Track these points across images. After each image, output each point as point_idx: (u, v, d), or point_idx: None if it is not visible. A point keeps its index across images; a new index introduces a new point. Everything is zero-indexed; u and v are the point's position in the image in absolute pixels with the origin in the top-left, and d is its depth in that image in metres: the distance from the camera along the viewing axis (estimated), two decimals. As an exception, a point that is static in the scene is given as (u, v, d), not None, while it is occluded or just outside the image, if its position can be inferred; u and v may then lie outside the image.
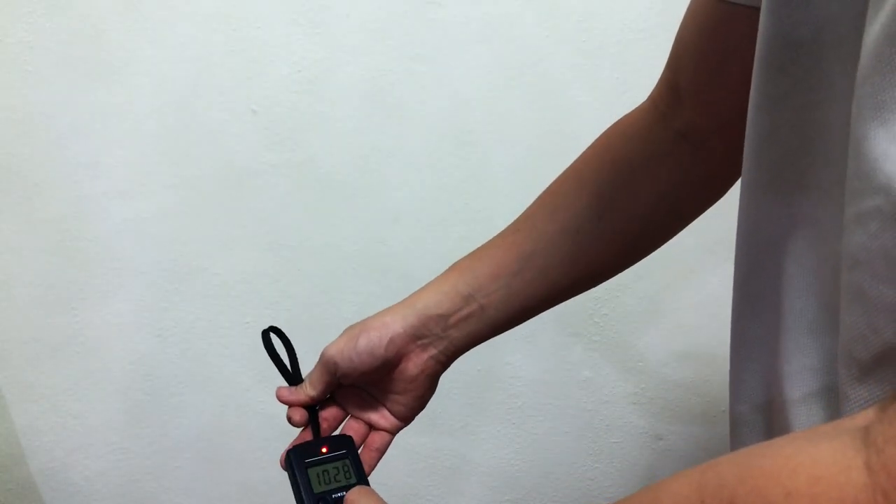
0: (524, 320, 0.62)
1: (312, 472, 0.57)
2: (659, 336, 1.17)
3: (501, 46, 1.07)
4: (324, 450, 0.59)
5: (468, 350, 0.62)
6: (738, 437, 0.47)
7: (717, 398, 1.19)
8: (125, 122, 1.04)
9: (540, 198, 0.64)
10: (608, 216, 0.59)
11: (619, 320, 1.16)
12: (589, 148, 0.63)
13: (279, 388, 0.63)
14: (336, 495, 0.56)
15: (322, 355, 0.60)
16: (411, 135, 1.09)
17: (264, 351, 0.62)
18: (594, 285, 0.64)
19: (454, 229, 1.12)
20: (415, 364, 0.61)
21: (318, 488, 0.56)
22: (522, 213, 0.64)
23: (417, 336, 0.60)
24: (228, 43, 1.04)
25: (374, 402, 0.63)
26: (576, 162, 0.63)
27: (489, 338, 0.62)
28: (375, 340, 0.59)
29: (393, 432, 0.64)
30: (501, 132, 1.10)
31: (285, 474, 0.59)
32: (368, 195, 1.08)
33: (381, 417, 0.63)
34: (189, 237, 1.08)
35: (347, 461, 0.59)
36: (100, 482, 1.12)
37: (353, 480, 0.58)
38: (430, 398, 0.64)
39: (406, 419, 0.64)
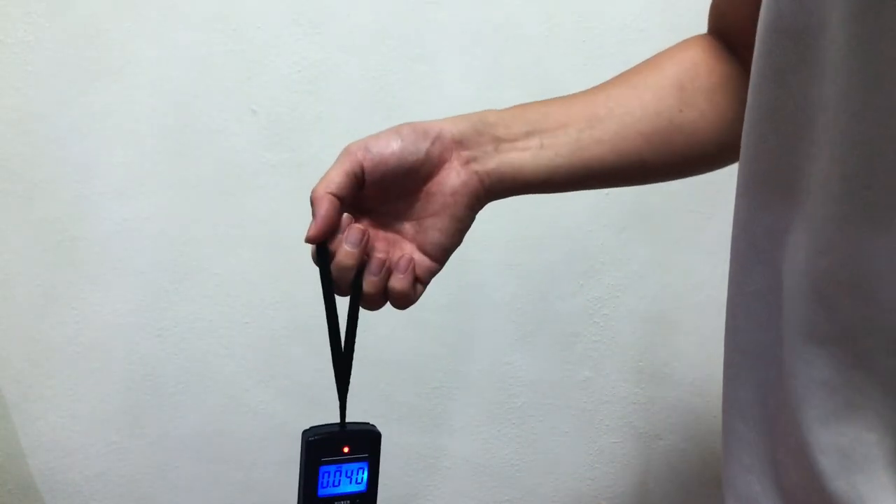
0: (577, 185, 0.57)
1: (325, 471, 0.53)
2: (659, 336, 1.17)
3: (501, 46, 1.07)
4: (345, 450, 0.53)
5: (513, 194, 0.55)
6: (734, 454, 0.44)
7: (718, 398, 1.19)
8: (125, 122, 1.04)
9: (616, 77, 0.60)
10: (688, 112, 0.57)
11: (619, 320, 1.16)
12: (663, 52, 0.61)
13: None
14: (340, 503, 0.53)
15: (349, 145, 0.53)
16: (411, 135, 1.09)
17: (264, 350, 0.60)
18: (654, 178, 0.60)
19: (454, 229, 1.12)
20: (457, 174, 0.53)
21: (323, 490, 0.53)
22: (597, 86, 0.60)
23: (465, 144, 0.53)
24: (228, 43, 1.04)
25: (402, 237, 0.55)
26: (652, 57, 0.61)
27: (537, 189, 0.55)
28: (419, 131, 0.52)
29: (424, 280, 0.55)
30: (501, 132, 1.10)
31: (285, 474, 0.57)
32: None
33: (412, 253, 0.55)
34: (189, 237, 1.08)
35: (365, 468, 0.54)
36: (100, 482, 1.12)
37: (363, 489, 0.54)
38: (467, 230, 0.56)
39: (440, 255, 0.55)
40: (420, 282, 0.55)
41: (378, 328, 1.11)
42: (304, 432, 0.54)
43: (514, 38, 1.07)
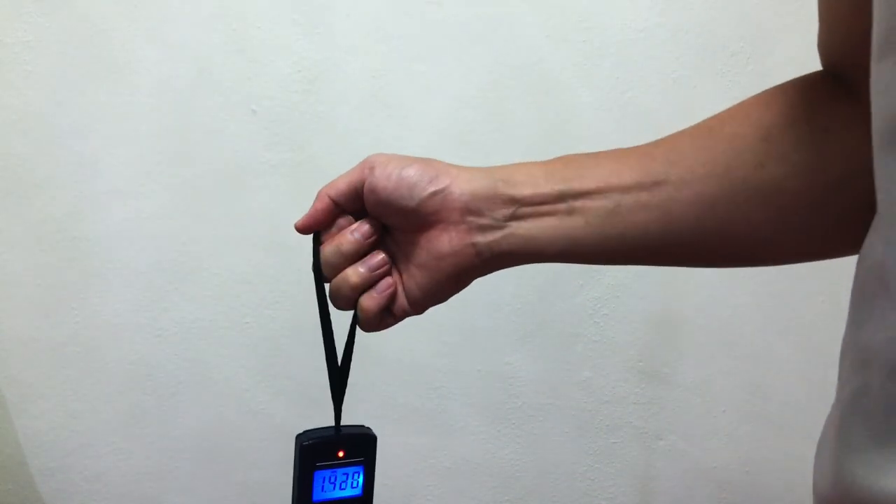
0: (605, 259, 0.49)
1: (319, 475, 0.52)
2: (660, 336, 1.17)
3: (501, 46, 1.07)
4: (340, 454, 0.52)
5: (515, 264, 0.50)
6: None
7: (718, 398, 1.19)
8: (125, 122, 1.04)
9: (692, 127, 0.49)
10: (771, 168, 0.45)
11: (619, 320, 1.16)
12: (762, 93, 0.49)
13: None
14: None
15: (370, 156, 0.50)
16: (411, 135, 1.09)
17: (264, 350, 0.59)
18: (716, 258, 0.51)
19: (454, 229, 1.12)
20: (450, 240, 0.49)
21: (318, 495, 0.52)
22: (663, 137, 0.49)
23: (472, 209, 0.48)
24: (228, 43, 1.04)
25: (397, 263, 0.52)
26: (744, 101, 0.49)
27: (552, 259, 0.49)
28: (427, 177, 0.48)
29: (397, 314, 0.52)
30: (501, 132, 1.10)
31: (285, 474, 0.57)
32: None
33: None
34: (189, 237, 1.08)
35: (360, 472, 0.53)
36: (100, 482, 1.12)
37: (358, 493, 0.53)
38: (448, 295, 0.51)
39: (416, 303, 0.51)
40: (392, 314, 0.52)
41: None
42: (299, 436, 0.52)
43: (514, 38, 1.07)
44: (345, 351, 0.54)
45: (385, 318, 0.52)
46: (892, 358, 0.31)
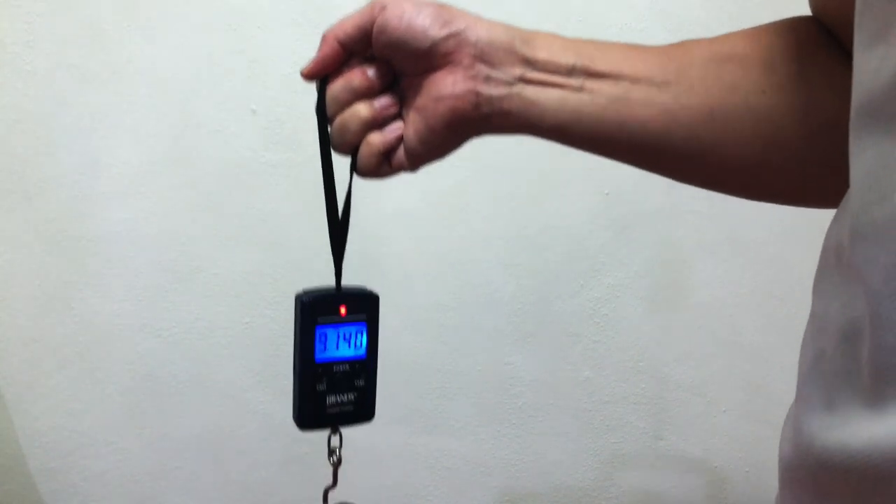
0: (596, 145, 0.48)
1: (321, 333, 0.49)
2: (659, 336, 1.17)
3: (501, 46, 1.07)
4: (342, 311, 0.50)
5: (509, 132, 0.49)
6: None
7: (717, 398, 1.19)
8: (125, 122, 1.04)
9: (711, 39, 0.49)
10: (771, 94, 0.46)
11: (619, 320, 1.16)
12: (779, 21, 0.50)
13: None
14: (339, 368, 0.50)
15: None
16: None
17: (264, 351, 0.58)
18: (689, 175, 0.51)
19: (454, 229, 1.12)
20: (454, 83, 0.47)
21: (321, 354, 0.49)
22: (683, 41, 0.50)
23: (485, 58, 0.47)
24: (228, 43, 1.04)
25: (404, 109, 0.50)
26: (761, 26, 0.50)
27: (546, 132, 0.48)
28: (442, 19, 0.46)
29: (394, 167, 0.50)
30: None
31: (285, 474, 0.56)
32: (368, 195, 1.08)
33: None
34: (189, 237, 1.08)
35: (364, 330, 0.50)
36: (100, 482, 1.12)
37: (362, 353, 0.50)
38: (441, 148, 0.49)
39: (412, 152, 0.49)
40: (389, 163, 0.50)
41: (379, 329, 1.11)
42: (298, 295, 0.50)
43: (514, 38, 1.07)
44: (345, 202, 0.52)
45: (383, 165, 0.50)
46: (843, 324, 0.32)
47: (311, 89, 0.50)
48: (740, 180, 0.50)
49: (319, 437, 0.54)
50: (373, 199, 1.07)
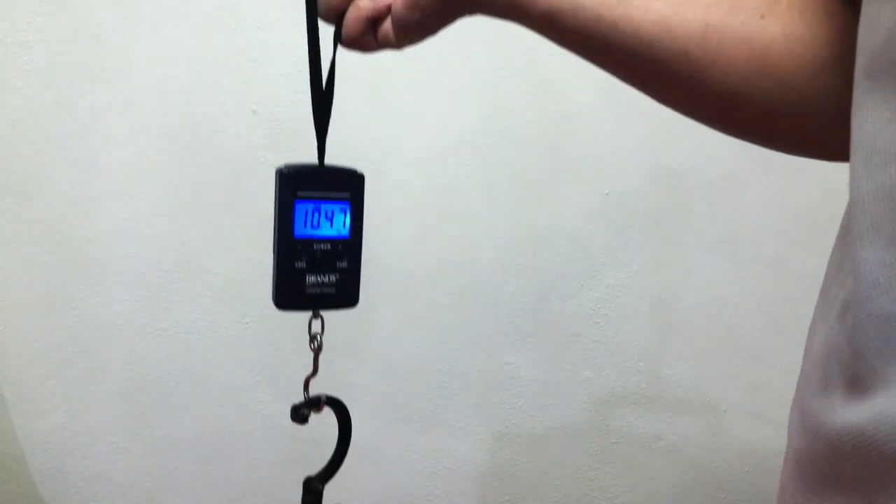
0: (581, 43, 0.48)
1: (301, 208, 0.47)
2: (659, 336, 1.17)
3: (501, 46, 1.07)
4: (324, 187, 0.48)
5: (498, 14, 0.49)
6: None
7: (717, 398, 1.19)
8: (125, 122, 1.04)
9: None
10: (770, 21, 0.44)
11: (619, 320, 1.16)
12: None
13: None
14: (320, 247, 0.47)
15: None
16: (411, 135, 1.09)
17: (264, 351, 0.58)
18: (672, 95, 0.49)
19: (454, 229, 1.12)
20: None
21: (301, 230, 0.47)
22: None
23: None
24: (228, 43, 1.04)
25: None
26: None
27: (537, 19, 0.48)
28: None
29: (379, 41, 0.50)
30: (501, 132, 1.10)
31: (285, 474, 0.56)
32: (368, 195, 1.08)
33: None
34: (189, 237, 1.08)
35: (347, 209, 0.48)
36: (100, 482, 1.12)
37: (345, 233, 0.48)
38: (429, 24, 0.49)
39: (398, 23, 0.48)
40: (374, 37, 0.49)
41: (379, 329, 1.11)
42: (278, 168, 0.48)
43: (513, 37, 1.07)
44: (329, 72, 0.49)
45: (368, 35, 0.49)
46: (845, 297, 0.32)
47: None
48: (722, 109, 0.47)
49: (319, 436, 0.53)
50: (372, 199, 1.07)
